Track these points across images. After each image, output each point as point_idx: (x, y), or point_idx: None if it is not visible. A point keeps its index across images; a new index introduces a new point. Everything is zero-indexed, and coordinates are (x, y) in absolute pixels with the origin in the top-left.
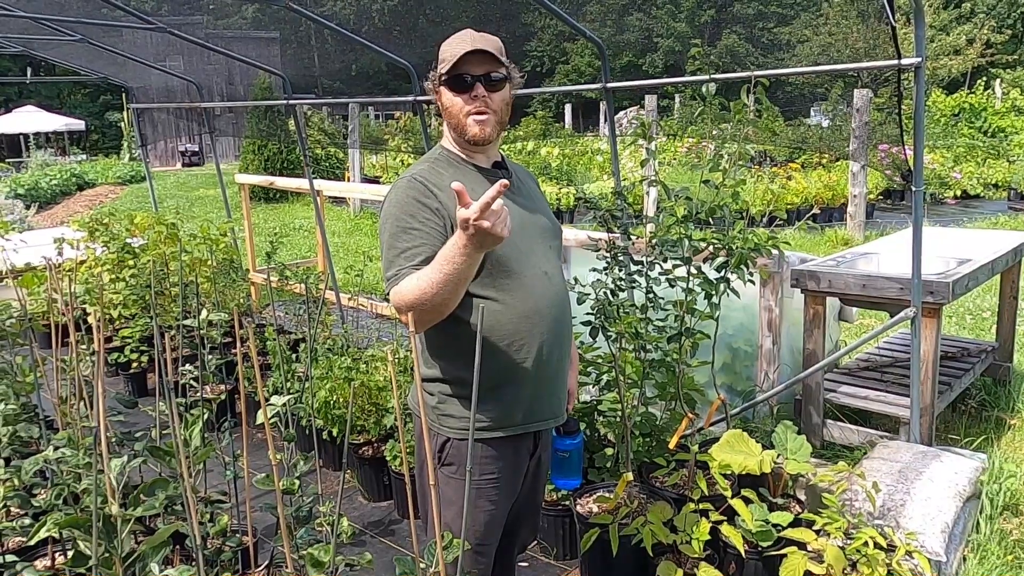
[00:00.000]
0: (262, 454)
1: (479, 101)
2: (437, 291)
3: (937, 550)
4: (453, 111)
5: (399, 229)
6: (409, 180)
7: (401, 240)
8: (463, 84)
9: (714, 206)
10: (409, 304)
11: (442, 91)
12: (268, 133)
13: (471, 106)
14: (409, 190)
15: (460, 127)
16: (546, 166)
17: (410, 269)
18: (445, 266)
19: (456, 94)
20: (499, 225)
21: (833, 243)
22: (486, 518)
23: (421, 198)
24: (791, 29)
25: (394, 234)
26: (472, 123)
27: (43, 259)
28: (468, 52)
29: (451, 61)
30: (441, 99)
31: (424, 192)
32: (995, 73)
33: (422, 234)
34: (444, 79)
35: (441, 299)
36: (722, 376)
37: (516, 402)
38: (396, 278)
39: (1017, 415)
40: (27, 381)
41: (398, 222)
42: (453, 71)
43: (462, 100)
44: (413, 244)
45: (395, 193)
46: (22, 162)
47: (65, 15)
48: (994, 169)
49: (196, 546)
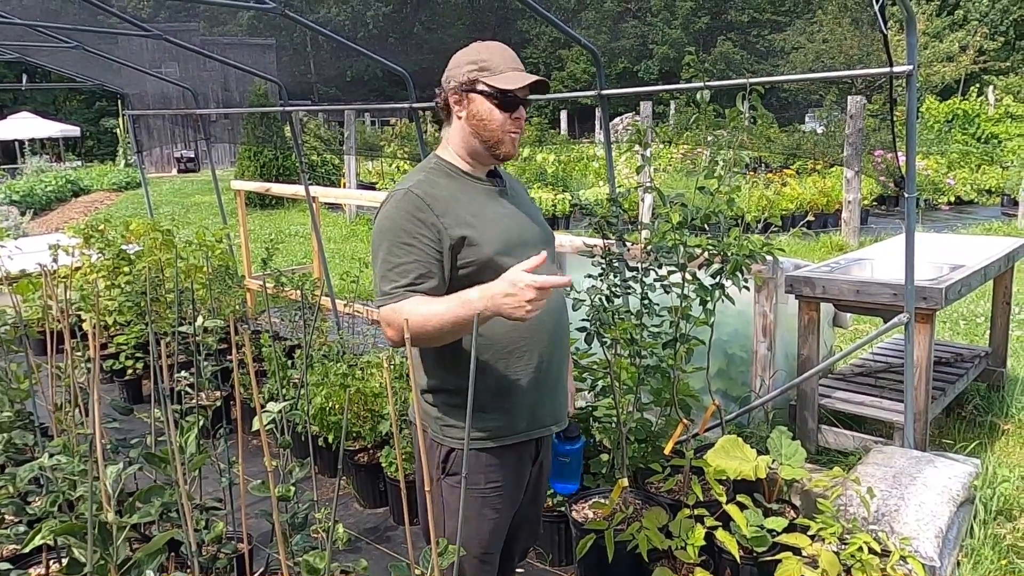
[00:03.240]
0: (258, 461)
1: (519, 123)
2: (442, 329)
3: (931, 555)
4: (492, 125)
5: (393, 243)
6: (405, 193)
7: (395, 255)
8: (512, 103)
9: (709, 212)
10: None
11: (478, 100)
12: (264, 139)
13: (512, 125)
14: (405, 203)
15: (495, 141)
16: (542, 172)
17: (404, 287)
18: (460, 310)
19: (503, 111)
20: (535, 306)
21: (827, 249)
22: (491, 526)
23: (416, 212)
24: (785, 36)
25: (389, 249)
26: (509, 140)
27: (38, 266)
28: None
29: (512, 80)
30: (474, 106)
31: (420, 206)
32: (988, 80)
33: (417, 250)
34: (494, 91)
35: (440, 336)
36: (717, 382)
37: (520, 410)
38: (392, 296)
39: (1011, 420)
40: (22, 388)
41: (394, 236)
42: (510, 89)
43: (505, 117)
44: (407, 260)
45: (390, 206)
46: (17, 168)
47: (61, 22)
48: (987, 175)
49: (191, 553)
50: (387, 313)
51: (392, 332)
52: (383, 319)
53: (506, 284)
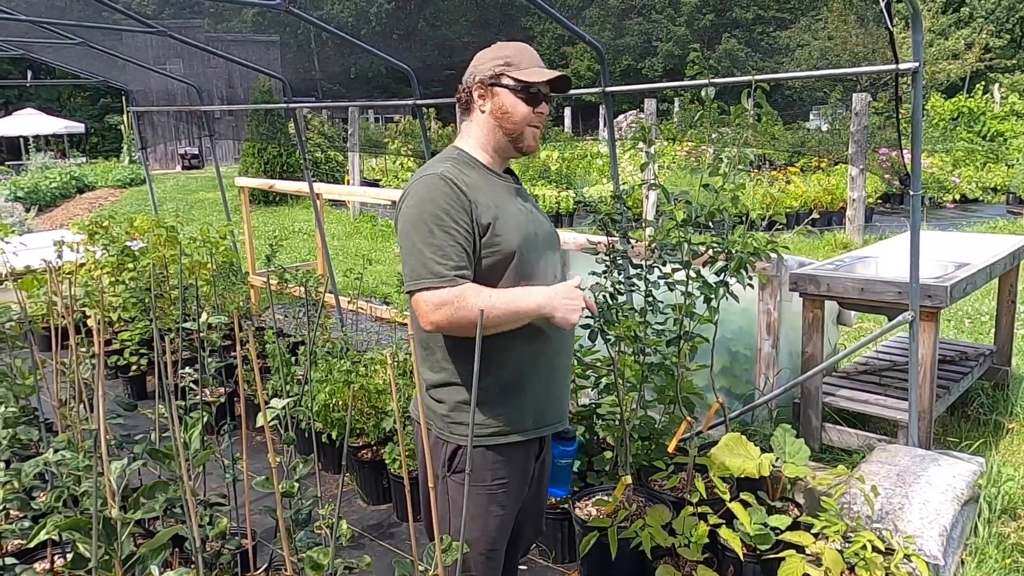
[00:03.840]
0: (262, 457)
1: (541, 118)
2: (501, 319)
3: (935, 553)
4: (516, 117)
5: (436, 226)
6: (440, 177)
7: (440, 237)
8: (537, 98)
9: (713, 210)
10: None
11: (503, 93)
12: (268, 136)
13: (535, 119)
14: (442, 186)
15: (518, 134)
16: (545, 169)
17: (455, 270)
18: (523, 302)
19: (526, 103)
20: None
21: (832, 247)
22: (497, 523)
23: (454, 195)
24: (790, 33)
25: (431, 231)
26: (531, 134)
27: (43, 262)
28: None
29: (539, 74)
30: (499, 99)
31: (456, 189)
32: (994, 77)
33: (459, 234)
34: (521, 86)
35: (495, 325)
36: (721, 380)
37: (528, 407)
38: (443, 279)
39: (1015, 419)
40: (27, 384)
41: (435, 218)
42: (537, 84)
43: (528, 110)
44: (451, 242)
45: (426, 189)
46: (22, 165)
47: (65, 18)
48: (993, 173)
49: (195, 549)
50: (442, 295)
51: (439, 315)
52: (434, 301)
53: (565, 290)
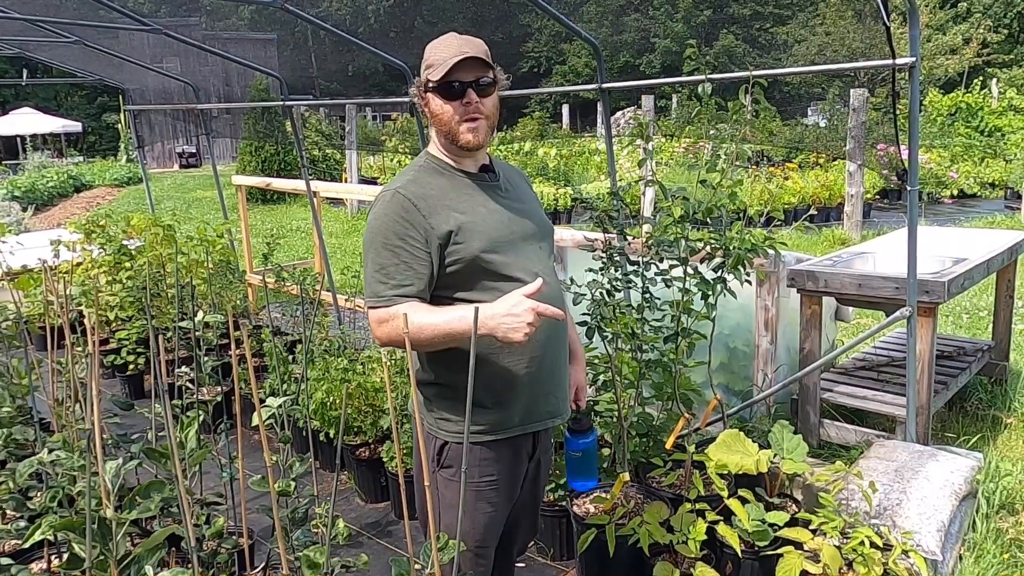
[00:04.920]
0: (259, 456)
1: (471, 108)
2: (434, 339)
3: (933, 549)
4: (444, 118)
5: (383, 246)
6: (393, 195)
7: (385, 257)
8: (454, 91)
9: (711, 206)
10: (397, 336)
11: (430, 97)
12: (265, 134)
13: (463, 113)
14: (393, 205)
15: (452, 134)
16: (543, 166)
17: (395, 290)
18: (457, 324)
19: (447, 101)
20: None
21: (830, 243)
22: (486, 520)
23: (404, 214)
24: (788, 29)
25: (378, 251)
26: (465, 130)
27: (39, 261)
28: (460, 60)
29: (442, 68)
30: (429, 105)
31: (407, 207)
32: (991, 72)
33: (406, 253)
34: (433, 86)
35: (431, 345)
36: (719, 376)
37: (515, 404)
38: (383, 299)
39: (1013, 414)
40: (23, 383)
41: (384, 238)
42: (444, 78)
43: (453, 107)
44: (396, 262)
45: (379, 208)
46: (19, 164)
47: (61, 17)
48: (991, 168)
49: (191, 548)
50: (381, 313)
51: (381, 332)
52: (374, 318)
53: (507, 305)
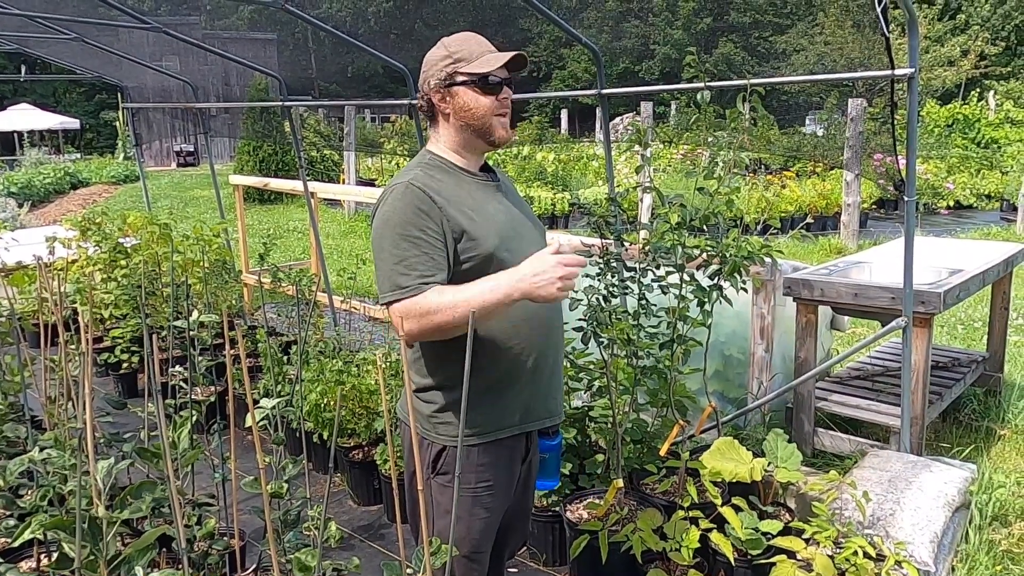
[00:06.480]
0: (251, 457)
1: (506, 103)
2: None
3: (926, 560)
4: (479, 112)
5: (402, 237)
6: (406, 186)
7: (404, 248)
8: (494, 86)
9: (708, 213)
10: (429, 323)
11: (461, 91)
12: (263, 134)
13: (501, 107)
14: (408, 196)
15: (486, 128)
16: (541, 171)
17: (419, 279)
18: (489, 295)
19: (485, 95)
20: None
21: (826, 252)
22: (481, 525)
23: (420, 205)
24: (787, 38)
25: (396, 243)
26: (499, 124)
27: (34, 258)
28: (514, 56)
29: (485, 63)
30: (459, 98)
31: (422, 198)
32: (989, 85)
33: (426, 243)
34: (473, 79)
35: (463, 324)
36: (714, 383)
37: (513, 406)
38: (408, 290)
39: (1007, 426)
40: (15, 380)
41: (402, 229)
42: (490, 72)
43: (489, 101)
44: (417, 253)
45: (393, 200)
46: (16, 160)
47: (60, 13)
48: (987, 180)
49: (182, 549)
50: (407, 304)
51: (411, 324)
52: (401, 312)
53: (532, 265)
